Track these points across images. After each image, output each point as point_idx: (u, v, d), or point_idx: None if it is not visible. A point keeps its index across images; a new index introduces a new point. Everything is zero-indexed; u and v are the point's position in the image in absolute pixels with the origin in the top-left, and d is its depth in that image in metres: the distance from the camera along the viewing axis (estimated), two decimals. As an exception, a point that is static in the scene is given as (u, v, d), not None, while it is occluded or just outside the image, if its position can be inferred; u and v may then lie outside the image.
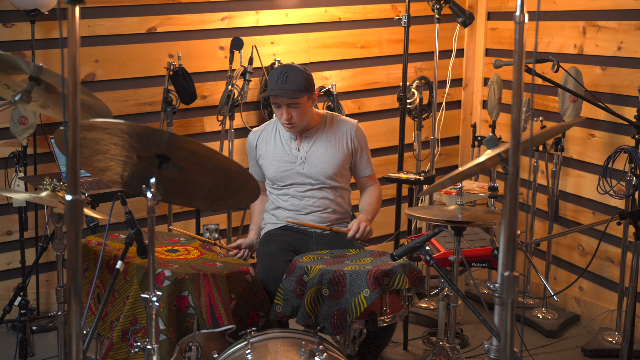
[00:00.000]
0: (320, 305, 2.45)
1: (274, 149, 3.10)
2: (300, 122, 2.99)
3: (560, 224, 4.13)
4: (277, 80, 2.93)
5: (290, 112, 2.94)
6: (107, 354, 2.41)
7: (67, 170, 1.34)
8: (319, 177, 3.05)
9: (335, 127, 3.10)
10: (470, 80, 4.83)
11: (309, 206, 3.06)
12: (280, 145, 3.09)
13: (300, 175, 3.06)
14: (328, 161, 3.05)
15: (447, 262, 2.83)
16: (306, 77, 2.96)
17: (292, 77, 2.92)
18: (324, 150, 3.06)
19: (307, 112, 3.00)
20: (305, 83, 2.94)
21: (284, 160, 3.07)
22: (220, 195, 2.29)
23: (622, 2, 3.75)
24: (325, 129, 3.09)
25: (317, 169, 3.04)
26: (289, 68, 2.96)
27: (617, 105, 3.71)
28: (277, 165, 3.08)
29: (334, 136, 3.08)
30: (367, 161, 3.16)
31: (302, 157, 3.05)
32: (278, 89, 2.92)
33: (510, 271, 1.46)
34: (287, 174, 3.06)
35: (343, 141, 3.07)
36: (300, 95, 2.91)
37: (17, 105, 2.63)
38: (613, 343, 3.57)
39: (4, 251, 3.82)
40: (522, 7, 1.40)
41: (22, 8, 3.48)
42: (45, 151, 3.77)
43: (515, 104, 1.43)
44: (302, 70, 2.97)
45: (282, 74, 2.93)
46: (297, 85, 2.92)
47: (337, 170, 3.06)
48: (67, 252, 1.40)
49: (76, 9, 1.29)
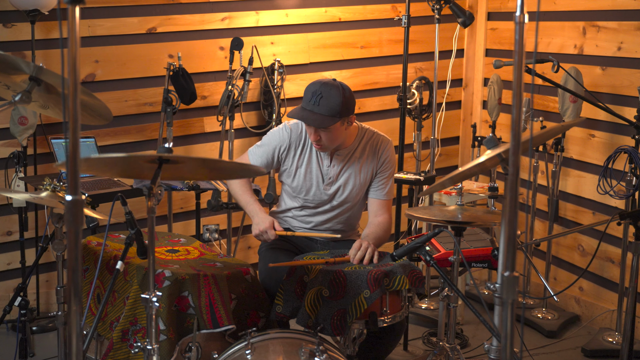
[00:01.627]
0: (321, 306, 2.45)
1: (308, 158, 2.89)
2: (331, 145, 2.78)
3: (560, 224, 4.13)
4: (310, 100, 2.67)
5: (320, 134, 2.72)
6: (107, 354, 2.41)
7: (67, 171, 1.34)
8: (343, 203, 2.92)
9: (371, 145, 2.88)
10: (470, 80, 4.83)
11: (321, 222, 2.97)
12: (315, 156, 2.90)
13: (325, 195, 2.91)
14: (358, 186, 2.88)
15: (447, 262, 2.83)
16: (342, 102, 2.66)
17: (326, 100, 2.64)
18: (353, 172, 2.87)
19: (340, 136, 2.76)
20: (339, 108, 2.65)
21: (313, 174, 2.90)
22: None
23: (622, 3, 3.75)
24: (359, 147, 2.88)
25: (345, 194, 2.89)
26: (325, 88, 2.67)
27: (617, 106, 3.71)
28: (304, 176, 2.90)
29: (368, 154, 2.87)
30: (386, 183, 2.92)
31: (332, 178, 2.88)
32: (308, 110, 2.66)
33: (510, 271, 1.46)
34: (312, 189, 2.90)
35: (375, 160, 2.88)
36: (330, 123, 2.65)
37: (17, 106, 2.64)
38: (613, 343, 3.57)
39: (4, 251, 3.82)
40: (522, 8, 1.40)
41: (22, 8, 3.48)
42: (45, 151, 3.77)
43: (516, 104, 1.43)
44: (340, 92, 2.67)
45: (315, 94, 2.66)
46: (329, 110, 2.65)
47: (361, 192, 2.91)
48: (67, 252, 1.40)
49: (76, 10, 1.29)
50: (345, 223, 3.00)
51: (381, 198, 2.93)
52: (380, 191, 2.93)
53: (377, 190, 2.93)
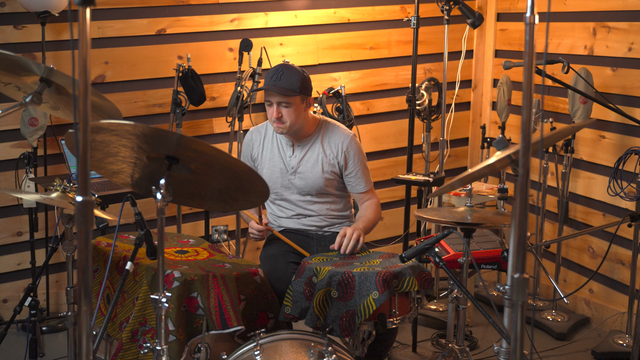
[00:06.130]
0: (329, 307, 2.45)
1: (270, 152, 3.04)
2: (291, 123, 2.89)
3: (570, 226, 4.11)
4: (272, 77, 2.86)
5: (281, 110, 2.87)
6: (117, 354, 2.42)
7: (78, 172, 1.35)
8: (309, 191, 3.01)
9: (329, 136, 3.01)
10: (480, 81, 4.81)
11: (305, 212, 3.04)
12: (277, 150, 3.03)
13: (292, 185, 3.01)
14: (318, 173, 2.98)
15: (456, 264, 2.82)
16: (302, 79, 2.88)
17: (287, 76, 2.85)
18: (314, 161, 2.98)
19: (300, 115, 2.90)
20: (299, 84, 2.86)
21: (278, 167, 3.01)
22: (231, 196, 2.29)
23: (633, 3, 3.73)
24: (320, 138, 3.00)
25: (307, 182, 2.99)
26: (285, 67, 2.89)
27: (628, 107, 3.69)
28: (271, 170, 3.02)
29: (327, 146, 2.99)
30: (359, 177, 3.02)
31: (294, 167, 3.00)
32: (271, 84, 2.85)
33: (520, 273, 1.46)
34: (279, 181, 3.01)
35: (334, 153, 2.98)
36: (292, 94, 2.84)
37: (27, 107, 2.65)
38: (624, 346, 3.55)
39: (14, 252, 3.84)
40: (533, 8, 1.39)
41: (33, 10, 3.50)
42: (56, 152, 3.79)
43: (526, 105, 1.43)
44: (299, 71, 2.89)
45: (277, 72, 2.86)
46: (290, 84, 2.84)
47: (328, 182, 3.00)
48: (77, 253, 1.41)
49: (87, 11, 1.29)
50: (333, 214, 3.06)
51: (362, 191, 3.06)
52: (358, 186, 3.05)
53: (355, 186, 3.05)
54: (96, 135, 2.01)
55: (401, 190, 4.25)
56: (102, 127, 1.98)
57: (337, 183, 3.05)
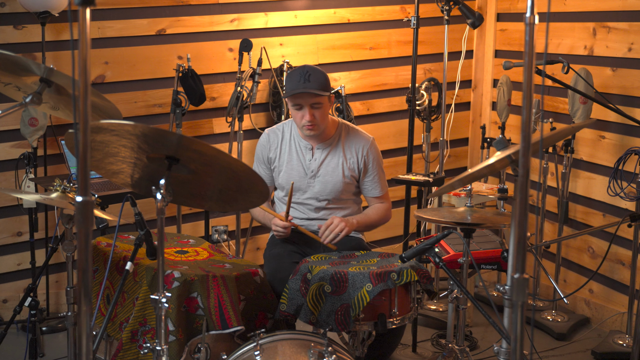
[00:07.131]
0: (323, 302, 2.44)
1: (289, 155, 3.01)
2: (323, 124, 2.90)
3: (570, 226, 4.11)
4: (300, 79, 2.82)
5: (314, 112, 2.85)
6: (117, 354, 2.42)
7: (78, 172, 1.35)
8: (326, 196, 2.99)
9: (350, 140, 2.99)
10: (480, 81, 4.81)
11: (317, 217, 3.01)
12: (296, 153, 3.01)
13: (309, 189, 2.99)
14: (339, 177, 2.96)
15: (456, 264, 2.82)
16: (327, 78, 2.88)
17: (314, 77, 2.82)
18: (335, 165, 2.97)
19: (327, 114, 2.92)
20: (326, 83, 2.86)
21: (296, 170, 2.99)
22: (231, 197, 2.29)
23: (633, 3, 3.73)
24: (340, 141, 2.99)
25: (326, 185, 2.96)
26: (310, 68, 2.86)
27: (628, 107, 3.69)
28: (289, 173, 3.00)
29: (348, 150, 2.98)
30: (376, 181, 3.03)
31: (314, 170, 2.97)
32: (302, 87, 2.80)
33: (520, 273, 1.46)
34: (297, 185, 2.98)
35: (355, 157, 2.98)
36: (324, 94, 2.83)
37: (27, 107, 2.65)
38: (624, 346, 3.55)
39: (14, 252, 3.84)
40: (533, 9, 1.39)
41: (33, 10, 3.49)
42: (56, 152, 3.79)
43: (526, 105, 1.43)
44: (322, 70, 2.89)
45: (304, 74, 2.82)
46: (320, 84, 2.82)
47: (346, 187, 2.99)
48: (77, 253, 1.41)
49: (87, 11, 1.29)
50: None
51: (377, 195, 3.07)
52: (374, 190, 3.06)
53: (371, 190, 3.06)
54: (96, 136, 2.01)
55: (401, 190, 4.25)
56: (102, 127, 1.98)
57: (354, 188, 3.04)
